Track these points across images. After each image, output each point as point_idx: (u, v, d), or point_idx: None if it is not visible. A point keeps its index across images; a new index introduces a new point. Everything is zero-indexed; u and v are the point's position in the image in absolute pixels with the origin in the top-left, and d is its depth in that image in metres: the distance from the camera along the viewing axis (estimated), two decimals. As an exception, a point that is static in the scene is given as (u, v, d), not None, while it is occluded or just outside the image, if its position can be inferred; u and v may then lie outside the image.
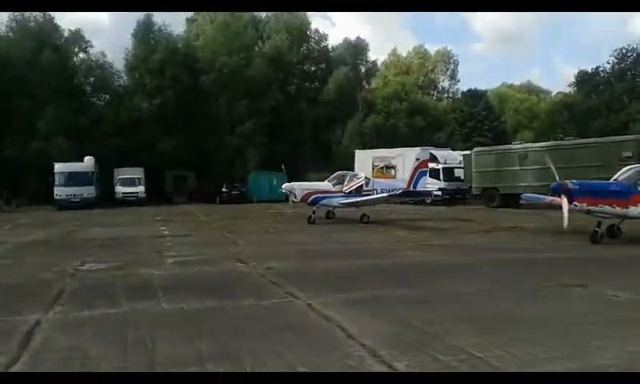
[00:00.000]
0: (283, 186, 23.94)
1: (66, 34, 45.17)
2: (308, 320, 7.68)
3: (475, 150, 36.23)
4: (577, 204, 15.45)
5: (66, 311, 8.11)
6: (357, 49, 55.64)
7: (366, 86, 54.23)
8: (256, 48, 48.79)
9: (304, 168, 44.64)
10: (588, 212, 15.55)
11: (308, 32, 53.47)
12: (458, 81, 65.21)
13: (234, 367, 5.55)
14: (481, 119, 53.81)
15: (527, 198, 23.80)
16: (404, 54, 63.01)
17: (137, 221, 25.65)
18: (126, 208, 35.05)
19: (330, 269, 12.03)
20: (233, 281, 10.59)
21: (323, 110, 48.98)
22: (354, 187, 22.33)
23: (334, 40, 65.25)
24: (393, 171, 37.16)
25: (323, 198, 22.29)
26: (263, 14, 54.37)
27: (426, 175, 24.70)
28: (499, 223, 22.84)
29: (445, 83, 64.42)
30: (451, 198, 35.03)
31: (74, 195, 35.66)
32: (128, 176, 39.34)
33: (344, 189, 22.31)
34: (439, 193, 34.77)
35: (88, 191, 36.30)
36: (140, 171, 39.86)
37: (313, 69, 53.47)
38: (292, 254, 14.25)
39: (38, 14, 43.65)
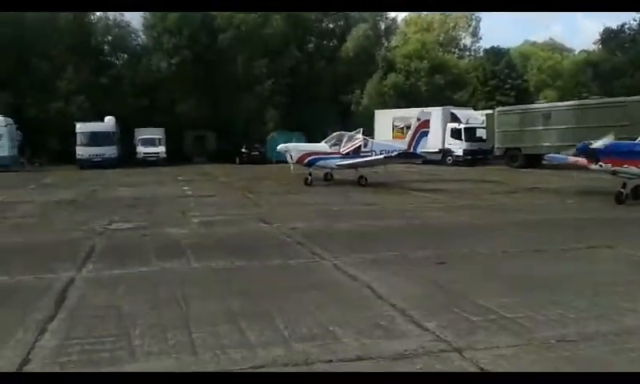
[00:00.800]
0: (279, 147, 23.23)
1: (83, -8, 44.92)
2: (335, 280, 7.77)
3: (498, 109, 35.75)
4: (602, 164, 15.28)
5: (98, 269, 8.30)
6: (376, 5, 54.61)
7: (386, 44, 53.26)
8: (274, 5, 48.21)
9: (324, 128, 44.45)
10: (613, 173, 15.35)
11: (327, -12, 52.49)
12: (480, 38, 63.99)
13: (266, 325, 5.66)
14: (503, 78, 52.78)
15: (551, 159, 23.52)
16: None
17: (159, 181, 25.86)
18: (147, 168, 35.32)
19: (354, 229, 12.10)
20: (259, 241, 10.69)
21: (342, 69, 48.32)
22: (352, 148, 21.74)
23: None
24: (413, 131, 36.80)
25: (320, 159, 21.73)
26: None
27: (427, 136, 24.01)
28: (522, 184, 22.68)
29: (467, 41, 63.24)
30: (473, 158, 34.71)
31: (96, 155, 35.98)
32: (149, 136, 39.53)
33: (341, 150, 21.75)
34: (460, 153, 34.47)
35: (110, 151, 36.61)
36: (160, 131, 40.03)
37: (331, 26, 52.59)
38: (315, 214, 14.31)
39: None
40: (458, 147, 34.63)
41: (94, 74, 41.77)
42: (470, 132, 35.08)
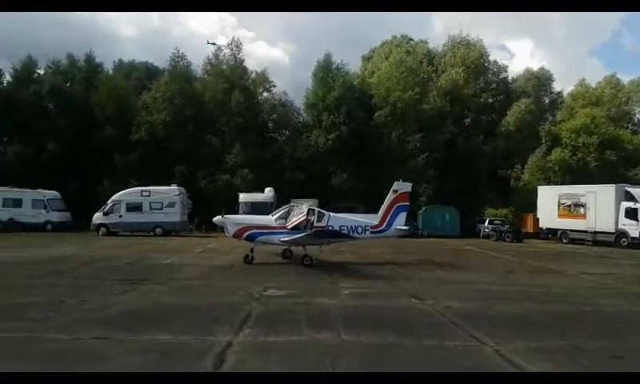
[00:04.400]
0: (214, 219, 20.26)
1: (252, 75, 49.14)
2: (497, 367, 7.08)
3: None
4: None
5: (254, 334, 8.45)
6: (540, 79, 52.43)
7: (550, 118, 50.61)
8: (430, 82, 48.47)
9: (479, 203, 42.92)
10: None
11: (486, 64, 51.85)
12: (657, 112, 58.12)
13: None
14: (686, 154, 47.26)
15: None
16: (593, 84, 57.89)
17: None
18: (301, 237, 36.42)
19: (516, 312, 11.11)
20: (411, 318, 10.23)
21: (501, 144, 46.71)
22: (297, 223, 18.86)
23: (513, 71, 62.31)
24: (582, 210, 33.91)
25: (261, 234, 19.11)
26: (439, 49, 53.93)
27: (405, 210, 21.22)
28: None
29: (641, 115, 57.83)
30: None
31: (256, 224, 38.02)
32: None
33: (287, 224, 19.10)
34: (637, 234, 30.81)
35: (267, 220, 38.52)
36: (314, 202, 41.31)
37: (490, 101, 51.38)
38: (470, 293, 13.48)
39: (230, 57, 48.16)
40: (634, 228, 31.11)
41: (258, 149, 44.80)
42: (648, 212, 31.42)
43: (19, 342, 7.82)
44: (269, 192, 39.46)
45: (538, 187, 39.59)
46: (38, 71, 47.53)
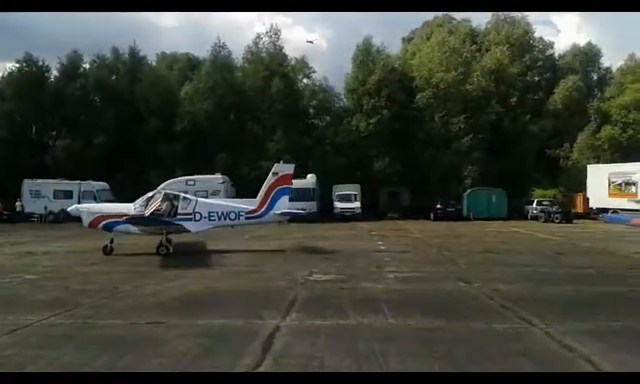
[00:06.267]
0: (69, 208, 19.13)
1: (292, 62, 49.10)
2: (548, 349, 6.99)
3: None
4: None
5: (301, 319, 8.55)
6: (587, 55, 50.53)
7: (599, 95, 48.80)
8: (474, 62, 47.33)
9: (527, 184, 41.98)
10: None
11: (531, 41, 50.32)
12: None
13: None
14: None
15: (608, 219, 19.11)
16: (644, 59, 55.33)
17: (354, 235, 26.45)
18: (343, 223, 36.47)
19: (566, 294, 10.89)
20: (458, 301, 10.14)
21: (548, 123, 45.28)
22: (153, 209, 17.76)
23: (560, 47, 60.33)
24: (633, 188, 32.79)
25: (119, 223, 17.78)
26: (483, 27, 52.55)
27: (287, 194, 20.17)
28: None
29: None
30: None
31: (298, 210, 38.13)
32: (345, 192, 40.97)
33: (145, 212, 17.91)
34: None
35: (310, 206, 38.50)
36: (356, 188, 41.22)
37: (536, 79, 49.80)
38: (519, 276, 13.22)
39: (269, 45, 48.10)
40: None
41: (299, 136, 44.85)
42: None
43: (75, 329, 8.09)
44: (311, 178, 39.58)
45: (588, 166, 38.50)
46: (84, 65, 48.68)
